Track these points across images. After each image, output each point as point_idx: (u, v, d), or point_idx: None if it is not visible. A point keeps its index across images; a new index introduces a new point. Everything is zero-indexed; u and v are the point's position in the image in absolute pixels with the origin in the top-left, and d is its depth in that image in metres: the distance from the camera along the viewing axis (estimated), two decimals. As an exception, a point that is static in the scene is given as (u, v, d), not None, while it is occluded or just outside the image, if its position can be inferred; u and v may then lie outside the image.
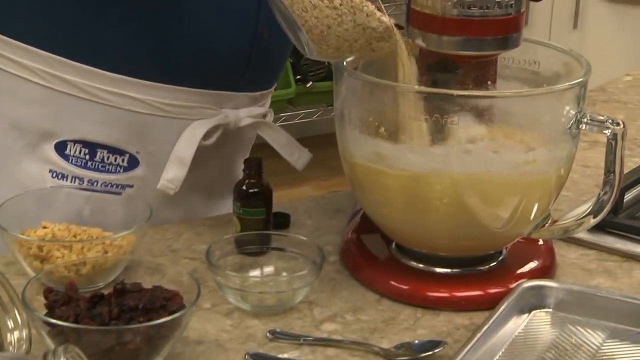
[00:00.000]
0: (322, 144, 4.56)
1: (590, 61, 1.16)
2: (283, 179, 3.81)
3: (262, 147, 1.43)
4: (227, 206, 1.42)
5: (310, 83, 4.03)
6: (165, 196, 1.29)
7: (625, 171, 1.38)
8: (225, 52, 1.31)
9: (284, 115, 4.19)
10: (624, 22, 4.23)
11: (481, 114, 1.11)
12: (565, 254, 1.27)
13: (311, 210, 1.38)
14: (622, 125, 1.11)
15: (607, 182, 1.14)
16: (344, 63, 1.15)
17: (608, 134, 1.11)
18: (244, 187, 1.25)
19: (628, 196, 1.38)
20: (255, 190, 1.25)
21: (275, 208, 1.30)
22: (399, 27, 1.14)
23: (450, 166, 1.10)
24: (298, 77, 4.03)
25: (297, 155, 1.39)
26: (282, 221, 1.33)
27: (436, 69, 1.16)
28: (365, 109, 1.14)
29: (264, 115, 1.39)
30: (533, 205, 1.15)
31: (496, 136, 1.11)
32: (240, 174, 1.43)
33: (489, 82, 1.21)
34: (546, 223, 1.18)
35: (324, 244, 1.28)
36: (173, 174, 1.28)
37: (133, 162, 1.30)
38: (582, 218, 1.16)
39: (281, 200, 1.38)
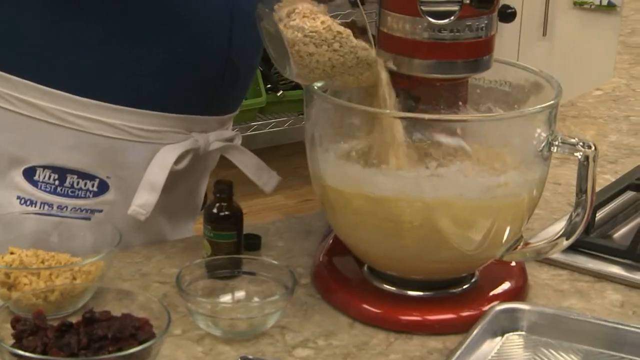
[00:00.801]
0: (293, 152, 4.57)
1: (560, 69, 1.17)
2: (254, 188, 3.79)
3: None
4: (189, 228, 1.43)
5: (281, 92, 4.02)
6: (134, 221, 1.28)
7: (597, 188, 1.38)
8: (198, 78, 1.31)
9: (255, 124, 4.18)
10: (593, 30, 4.25)
11: (453, 138, 1.10)
12: (537, 274, 1.27)
13: (282, 231, 1.37)
14: (593, 148, 1.10)
15: (579, 203, 1.13)
16: (315, 85, 1.14)
17: (579, 156, 1.11)
18: (215, 210, 1.24)
19: (600, 214, 1.38)
20: (226, 213, 1.24)
21: (246, 229, 1.29)
22: None
23: (422, 190, 1.09)
24: (269, 86, 4.03)
25: (265, 179, 1.38)
26: (253, 243, 1.32)
27: (401, 94, 1.15)
28: (336, 132, 1.13)
29: (232, 139, 1.38)
30: (505, 228, 1.14)
31: (468, 160, 1.10)
32: (202, 197, 1.42)
33: (460, 103, 1.21)
34: (518, 245, 1.17)
35: (295, 266, 1.27)
36: (144, 200, 1.27)
37: (103, 187, 1.29)
38: (554, 240, 1.15)
39: (252, 209, 1.38)
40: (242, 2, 1.30)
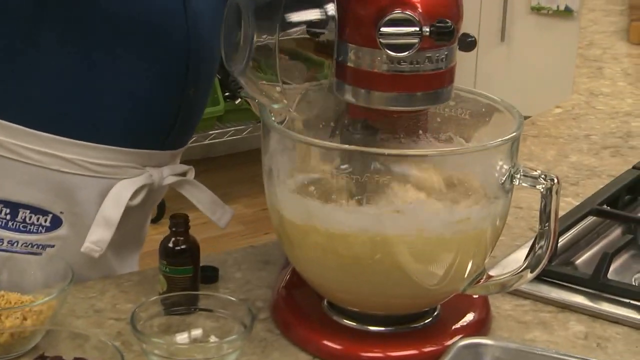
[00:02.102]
0: (252, 159, 4.52)
1: (518, 73, 1.15)
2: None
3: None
4: (135, 261, 1.42)
5: (239, 100, 3.99)
6: (85, 257, 1.25)
7: (559, 213, 1.36)
8: (155, 111, 1.29)
9: (213, 133, 4.14)
10: (551, 35, 4.25)
11: (412, 172, 1.08)
12: (500, 305, 1.25)
13: (240, 261, 1.34)
14: (556, 181, 1.08)
15: (542, 235, 1.11)
16: (272, 118, 1.12)
17: (542, 189, 1.09)
18: (170, 245, 1.21)
19: (562, 240, 1.36)
20: (182, 247, 1.21)
21: (203, 259, 1.26)
22: None
23: (382, 226, 1.07)
24: (227, 93, 3.99)
25: (219, 214, 1.36)
26: (211, 276, 1.29)
27: (360, 125, 1.13)
28: (293, 167, 1.10)
29: (185, 173, 1.36)
30: (467, 262, 1.12)
31: (428, 194, 1.08)
32: (147, 230, 1.39)
33: (420, 132, 1.19)
34: (481, 278, 1.15)
35: (254, 299, 1.24)
36: (98, 236, 1.24)
37: (56, 222, 1.26)
38: (519, 272, 1.13)
39: (210, 219, 1.36)
40: (200, 37, 1.28)
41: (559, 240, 1.35)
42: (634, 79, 2.04)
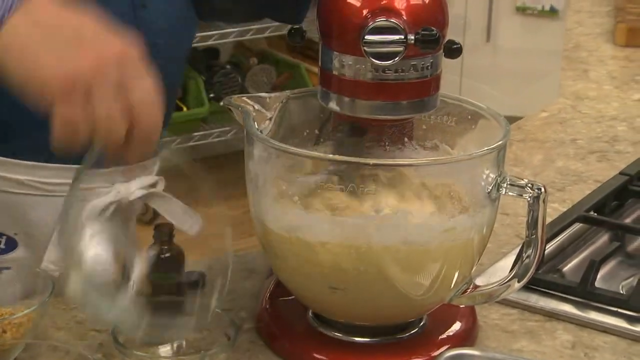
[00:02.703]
0: (237, 161, 4.51)
1: (503, 72, 1.14)
2: (196, 198, 3.71)
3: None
4: None
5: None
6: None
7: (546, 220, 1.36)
8: None
9: (197, 135, 4.12)
10: (536, 35, 4.25)
11: (398, 182, 1.07)
12: (487, 314, 1.23)
13: (224, 270, 1.32)
14: (543, 190, 1.07)
15: (529, 244, 1.10)
16: (255, 126, 1.10)
17: (529, 198, 1.07)
18: (155, 252, 1.19)
19: (549, 247, 1.35)
20: (167, 255, 1.19)
21: (189, 267, 1.24)
22: None
23: (367, 236, 1.05)
24: (211, 95, 3.97)
25: (190, 223, 1.34)
26: (196, 282, 1.26)
27: (346, 132, 1.12)
28: (277, 176, 1.09)
29: (155, 184, 1.33)
30: (454, 273, 1.11)
31: (413, 204, 1.06)
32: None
33: (406, 139, 1.18)
34: (468, 288, 1.14)
35: (238, 309, 1.23)
36: (57, 255, 1.21)
37: (11, 244, 1.24)
38: (506, 282, 1.12)
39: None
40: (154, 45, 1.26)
41: (546, 248, 1.33)
42: (619, 82, 2.03)
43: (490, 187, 1.08)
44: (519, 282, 1.12)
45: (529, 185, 1.08)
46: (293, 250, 1.10)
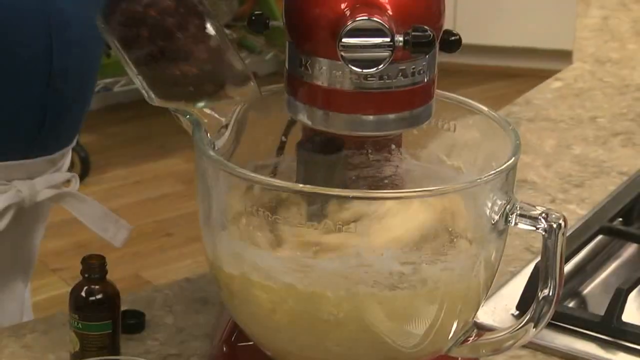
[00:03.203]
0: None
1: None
2: (147, 150, 3.64)
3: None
4: (22, 287, 1.36)
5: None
6: None
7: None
8: (12, 113, 1.20)
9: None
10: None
11: (383, 213, 1.00)
12: (491, 357, 1.17)
13: (172, 301, 1.26)
14: (562, 223, 1.01)
15: (545, 283, 1.04)
16: (208, 137, 1.03)
17: (544, 232, 1.01)
18: (83, 294, 1.13)
19: (567, 265, 1.29)
20: (99, 297, 1.13)
21: (126, 301, 1.19)
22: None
23: (347, 280, 0.99)
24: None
25: (113, 231, 1.28)
26: (134, 324, 1.20)
27: (316, 148, 1.05)
28: (236, 209, 1.02)
29: (67, 182, 1.27)
30: (452, 319, 1.05)
31: (404, 242, 1.00)
32: (36, 249, 1.33)
33: (393, 146, 1.11)
34: (470, 336, 1.08)
35: (189, 355, 1.17)
36: None
37: None
38: (518, 329, 1.06)
39: (145, 176, 1.30)
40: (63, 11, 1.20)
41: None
42: (647, 40, 1.96)
43: (497, 217, 1.02)
44: (535, 327, 1.06)
45: (543, 215, 1.01)
46: (253, 293, 1.03)
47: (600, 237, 1.35)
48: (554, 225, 1.01)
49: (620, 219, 1.39)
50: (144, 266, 3.31)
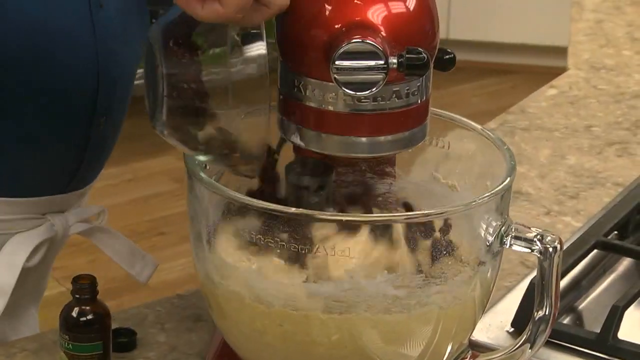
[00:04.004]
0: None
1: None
2: (140, 147, 3.62)
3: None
4: (34, 313, 1.36)
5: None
6: None
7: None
8: (58, 152, 1.20)
9: (141, 71, 4.02)
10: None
11: (378, 238, 0.99)
12: (486, 376, 1.16)
13: (164, 318, 1.24)
14: (557, 245, 1.00)
15: (541, 305, 1.03)
16: (199, 170, 1.01)
17: (539, 255, 1.00)
18: (74, 315, 1.11)
19: (563, 281, 1.27)
20: (89, 317, 1.12)
21: (117, 317, 1.18)
22: None
23: (340, 303, 0.98)
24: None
25: (139, 267, 1.28)
26: (126, 343, 1.19)
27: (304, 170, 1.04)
28: (226, 230, 1.01)
29: (98, 216, 1.27)
30: (448, 342, 1.04)
31: (397, 266, 0.98)
32: (48, 277, 1.33)
33: (387, 164, 1.10)
34: (465, 358, 1.07)
35: (180, 376, 1.16)
36: None
37: None
38: (515, 349, 1.05)
39: (139, 174, 1.30)
40: (111, 52, 1.19)
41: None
42: (642, 46, 1.95)
43: (492, 239, 1.01)
44: (531, 348, 1.05)
45: (539, 237, 1.00)
46: (246, 314, 1.02)
47: (595, 251, 1.33)
48: (550, 248, 1.00)
49: (616, 232, 1.37)
50: (138, 265, 3.30)
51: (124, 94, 1.25)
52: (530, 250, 1.01)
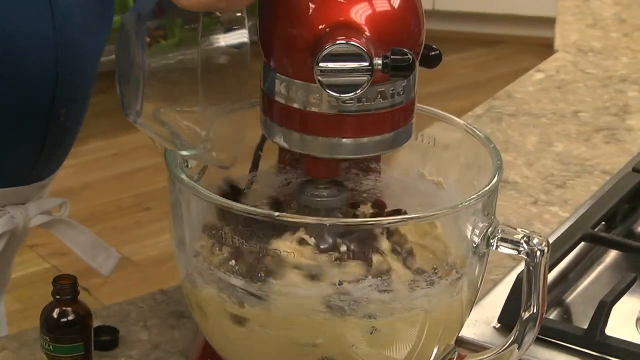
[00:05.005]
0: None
1: None
2: (124, 121, 3.62)
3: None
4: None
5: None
6: None
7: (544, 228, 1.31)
8: (12, 142, 1.18)
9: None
10: None
11: (363, 243, 0.97)
12: (472, 373, 1.15)
13: (147, 315, 1.23)
14: (545, 248, 0.98)
15: (528, 307, 1.02)
16: (182, 174, 0.99)
17: (526, 257, 0.99)
18: (54, 316, 1.10)
19: (550, 275, 1.26)
20: (70, 318, 1.10)
21: (99, 314, 1.17)
22: None
23: (325, 307, 0.96)
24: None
25: (101, 259, 1.26)
26: (108, 341, 1.18)
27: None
28: (210, 235, 0.99)
29: (59, 208, 1.25)
30: (434, 344, 1.03)
31: (382, 270, 0.97)
32: (13, 266, 1.31)
33: (371, 162, 1.09)
34: (451, 359, 1.05)
35: (163, 375, 1.14)
36: None
37: None
38: (502, 351, 1.04)
39: (123, 148, 1.28)
40: (71, 43, 1.17)
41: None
42: (629, 28, 1.93)
43: (478, 241, 0.99)
44: (519, 348, 1.03)
45: (525, 239, 0.99)
46: (227, 317, 1.01)
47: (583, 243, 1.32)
48: (536, 250, 0.98)
49: (604, 223, 1.36)
50: (123, 241, 3.28)
51: (85, 85, 1.23)
52: (517, 252, 0.99)
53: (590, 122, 1.62)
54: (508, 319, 1.20)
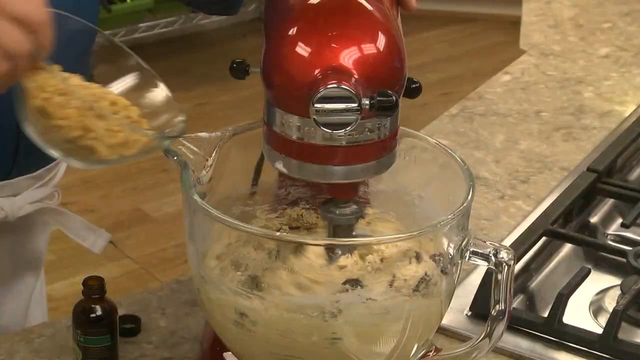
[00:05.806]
0: (185, 47, 4.33)
1: None
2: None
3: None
4: (31, 281, 1.30)
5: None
6: None
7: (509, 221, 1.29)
8: None
9: (142, 26, 3.97)
10: None
11: (349, 253, 0.96)
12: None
13: (165, 303, 1.22)
14: (511, 260, 0.97)
15: (496, 304, 1.01)
16: (194, 176, 0.98)
17: (493, 267, 0.98)
18: (85, 313, 1.09)
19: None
20: (98, 314, 1.09)
21: (123, 302, 1.16)
22: None
23: (323, 313, 0.95)
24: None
25: (92, 239, 1.24)
26: (131, 329, 1.17)
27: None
28: (220, 250, 0.98)
29: (51, 197, 1.23)
30: (413, 343, 1.01)
31: (367, 279, 0.96)
32: (42, 246, 1.28)
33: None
34: (429, 352, 1.05)
35: (181, 358, 1.13)
36: None
37: None
38: (476, 344, 1.03)
39: None
40: None
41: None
42: (585, 32, 1.91)
43: (453, 253, 0.98)
44: (490, 342, 1.03)
45: (494, 252, 0.98)
46: (233, 319, 0.99)
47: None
48: (503, 263, 0.98)
49: (562, 219, 1.35)
50: (144, 199, 3.27)
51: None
52: (486, 264, 0.99)
53: (551, 121, 1.61)
54: (479, 308, 1.20)
